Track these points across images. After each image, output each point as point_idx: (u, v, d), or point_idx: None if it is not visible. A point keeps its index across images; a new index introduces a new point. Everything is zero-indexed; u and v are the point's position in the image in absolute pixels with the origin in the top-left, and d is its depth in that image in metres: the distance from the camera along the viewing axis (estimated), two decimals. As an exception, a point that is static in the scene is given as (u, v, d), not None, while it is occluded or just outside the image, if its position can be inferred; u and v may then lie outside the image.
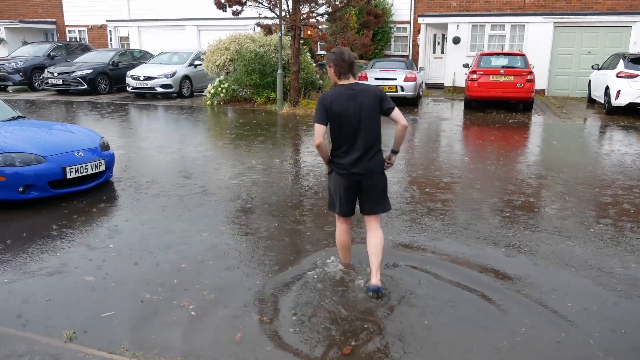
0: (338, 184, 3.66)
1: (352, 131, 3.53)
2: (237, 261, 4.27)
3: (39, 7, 25.24)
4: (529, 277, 3.97)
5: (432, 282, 3.87)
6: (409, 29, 20.04)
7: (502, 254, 4.44)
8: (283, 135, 10.80)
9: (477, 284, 3.83)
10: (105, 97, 16.71)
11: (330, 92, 3.58)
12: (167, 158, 8.23)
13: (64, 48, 20.43)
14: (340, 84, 3.59)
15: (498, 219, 5.33)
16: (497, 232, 4.95)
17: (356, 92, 3.55)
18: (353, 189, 3.65)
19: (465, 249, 4.53)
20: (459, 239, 4.76)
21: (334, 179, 3.70)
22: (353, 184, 3.63)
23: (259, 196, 6.10)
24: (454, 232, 4.94)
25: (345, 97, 3.52)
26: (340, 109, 3.50)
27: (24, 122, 6.72)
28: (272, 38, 14.72)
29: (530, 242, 4.69)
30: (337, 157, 3.63)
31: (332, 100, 3.52)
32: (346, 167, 3.57)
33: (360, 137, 3.54)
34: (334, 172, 3.67)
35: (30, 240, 4.71)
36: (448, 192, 6.32)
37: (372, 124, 3.56)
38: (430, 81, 19.19)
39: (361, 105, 3.52)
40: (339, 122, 3.53)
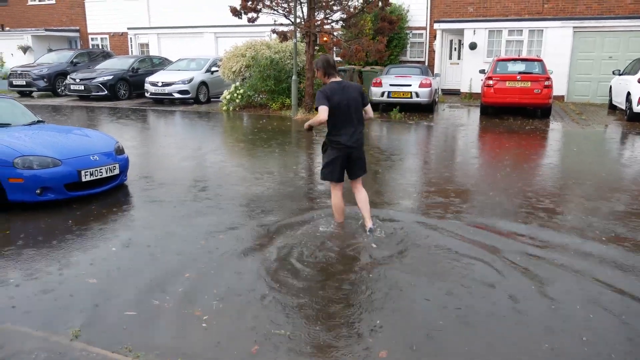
0: (335, 156, 4.79)
1: (345, 115, 4.69)
2: (248, 266, 4.32)
3: (63, 16, 25.86)
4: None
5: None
6: (425, 34, 20.00)
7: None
8: (295, 141, 10.88)
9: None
10: (125, 103, 17.03)
11: (326, 87, 4.67)
12: (182, 163, 8.37)
13: (86, 55, 20.89)
14: (331, 81, 4.73)
15: (514, 230, 5.30)
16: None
17: (344, 86, 4.74)
18: (345, 159, 4.82)
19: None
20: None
21: (330, 154, 4.82)
22: (345, 156, 4.80)
23: (272, 201, 6.16)
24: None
25: (338, 90, 4.67)
26: (337, 98, 4.62)
27: (44, 127, 6.91)
28: (288, 44, 14.85)
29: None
30: (335, 136, 4.76)
31: (330, 92, 4.62)
32: (343, 142, 4.74)
33: (351, 119, 4.73)
34: (330, 149, 4.81)
35: (44, 241, 4.84)
36: (462, 202, 6.30)
37: (358, 110, 4.78)
38: (446, 87, 19.10)
39: (349, 96, 4.71)
40: (336, 109, 4.63)
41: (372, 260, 4.43)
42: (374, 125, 12.65)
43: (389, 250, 4.59)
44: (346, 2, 12.87)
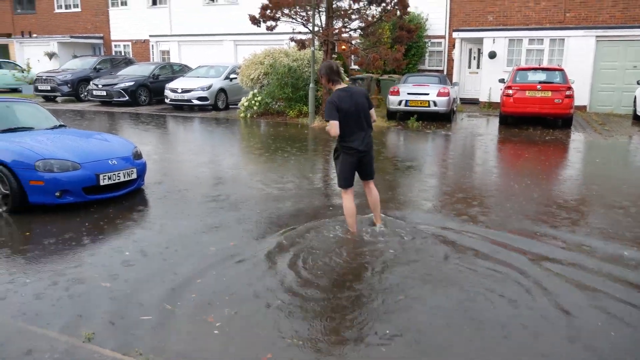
0: (348, 162, 4.91)
1: (355, 121, 4.80)
2: (261, 273, 4.34)
3: (88, 23, 26.43)
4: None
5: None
6: (444, 43, 19.94)
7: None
8: (311, 148, 10.91)
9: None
10: (145, 109, 17.29)
11: (335, 95, 4.75)
12: (198, 168, 8.44)
13: (109, 61, 21.29)
14: (337, 88, 4.83)
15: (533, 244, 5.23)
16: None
17: (351, 92, 4.84)
18: (357, 164, 4.94)
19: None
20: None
21: (344, 160, 4.92)
22: (358, 160, 4.92)
23: (288, 208, 6.17)
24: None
25: (346, 97, 4.75)
26: (346, 106, 4.72)
27: (65, 131, 7.05)
28: (306, 52, 14.93)
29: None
30: (347, 142, 4.84)
31: (339, 100, 4.71)
32: (356, 147, 4.84)
33: (361, 124, 4.85)
34: (343, 155, 4.90)
35: (60, 243, 4.92)
36: (479, 212, 6.24)
37: (366, 115, 4.90)
38: (465, 96, 18.98)
39: (357, 102, 4.81)
40: (346, 116, 4.73)
41: (386, 267, 4.41)
42: (391, 133, 12.63)
43: (404, 258, 4.57)
44: (364, 11, 12.90)
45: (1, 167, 5.70)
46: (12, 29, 28.03)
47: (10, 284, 4.01)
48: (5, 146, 5.87)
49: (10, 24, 28.22)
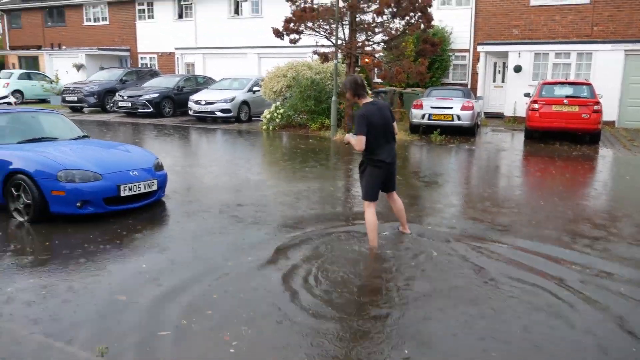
0: (376, 175, 4.98)
1: (383, 135, 4.91)
2: (278, 289, 4.25)
3: (115, 36, 27.00)
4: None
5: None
6: (468, 57, 19.76)
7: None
8: (333, 161, 10.83)
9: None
10: (169, 120, 17.48)
11: (365, 110, 4.84)
12: (219, 180, 8.43)
13: (135, 73, 21.65)
14: (364, 102, 4.93)
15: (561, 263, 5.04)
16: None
17: (378, 106, 4.98)
18: (383, 177, 5.03)
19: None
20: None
21: (372, 173, 4.97)
22: (384, 172, 5.02)
23: (307, 222, 6.08)
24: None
25: (375, 111, 4.87)
26: (376, 120, 4.83)
27: (88, 142, 7.11)
28: (329, 65, 14.93)
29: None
30: (375, 155, 4.91)
31: (369, 114, 4.81)
32: (384, 160, 4.94)
33: (387, 138, 4.96)
34: (370, 168, 4.96)
35: (79, 254, 4.91)
36: (503, 228, 6.06)
37: (392, 128, 5.04)
38: (489, 110, 18.73)
39: (384, 115, 4.94)
40: (376, 130, 4.84)
41: (408, 284, 4.29)
42: (414, 147, 12.48)
43: (427, 273, 4.44)
44: (388, 24, 12.86)
45: (24, 177, 5.76)
46: (42, 41, 28.81)
47: (24, 293, 3.99)
48: (29, 156, 5.93)
49: (41, 37, 29.01)
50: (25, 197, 5.79)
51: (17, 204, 5.90)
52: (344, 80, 5.05)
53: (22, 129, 6.88)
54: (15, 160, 5.91)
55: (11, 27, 30.57)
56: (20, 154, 5.99)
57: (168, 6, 25.29)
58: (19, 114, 7.25)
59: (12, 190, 5.90)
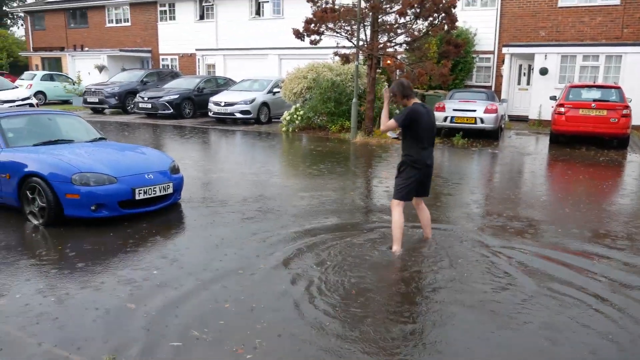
0: (413, 175, 4.99)
1: (427, 138, 5.00)
2: (294, 299, 4.06)
3: (138, 37, 27.20)
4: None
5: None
6: (493, 59, 19.35)
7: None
8: (352, 163, 10.61)
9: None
10: (189, 121, 17.46)
11: (415, 107, 4.92)
12: (237, 183, 8.29)
13: (156, 75, 21.74)
14: (414, 103, 4.98)
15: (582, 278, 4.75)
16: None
17: (427, 110, 5.06)
18: (421, 179, 5.05)
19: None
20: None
21: (410, 174, 4.99)
22: (422, 175, 5.05)
23: (327, 226, 5.88)
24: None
25: (424, 113, 4.96)
26: (424, 121, 4.93)
27: (104, 144, 7.02)
28: (350, 67, 14.73)
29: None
30: (415, 154, 4.95)
31: (417, 113, 4.89)
32: (424, 161, 4.98)
33: (430, 140, 5.05)
34: (409, 168, 4.98)
35: (90, 260, 4.80)
36: (527, 236, 5.78)
37: (434, 133, 5.13)
38: (513, 113, 18.31)
39: (430, 118, 5.04)
40: (421, 129, 4.91)
41: (433, 291, 4.08)
42: (435, 150, 12.16)
43: (453, 281, 4.21)
44: (410, 25, 12.59)
45: (38, 180, 5.68)
46: (65, 43, 29.17)
47: (31, 298, 3.88)
48: (44, 159, 5.86)
49: (64, 38, 29.39)
50: (40, 200, 5.72)
51: (32, 207, 5.83)
52: (392, 85, 5.11)
53: (38, 131, 6.83)
54: (30, 162, 5.84)
55: (35, 29, 31.05)
56: (35, 157, 5.91)
57: (189, 7, 25.39)
58: (36, 116, 7.22)
59: (27, 193, 5.83)
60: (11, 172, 5.95)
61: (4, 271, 4.51)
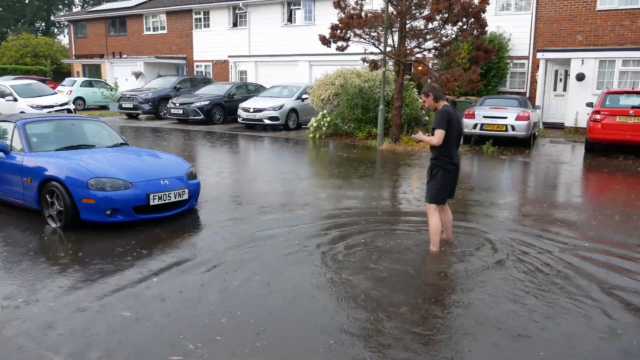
0: (447, 178, 5.14)
1: (456, 139, 5.12)
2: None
3: (173, 44, 27.80)
4: None
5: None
6: (527, 64, 18.83)
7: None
8: (379, 170, 10.46)
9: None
10: (218, 127, 17.67)
11: (447, 108, 5.05)
12: (258, 191, 8.25)
13: (189, 81, 22.13)
14: (444, 105, 5.11)
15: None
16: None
17: (454, 111, 5.15)
18: (453, 181, 5.23)
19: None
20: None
21: (444, 177, 5.12)
22: (454, 177, 5.22)
23: (354, 232, 5.78)
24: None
25: (454, 115, 5.08)
26: (454, 122, 5.02)
27: (124, 149, 7.12)
28: (378, 73, 14.58)
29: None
30: (449, 157, 5.08)
31: (451, 115, 5.00)
32: (456, 164, 5.13)
33: (458, 143, 5.17)
34: (444, 172, 5.10)
35: (100, 265, 4.84)
36: (561, 247, 5.52)
37: (461, 135, 5.25)
38: (548, 121, 17.75)
39: (459, 120, 5.15)
40: (453, 133, 5.01)
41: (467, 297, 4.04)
42: (463, 158, 11.91)
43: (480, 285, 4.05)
44: (438, 30, 12.37)
45: (57, 184, 5.80)
46: (105, 50, 30.09)
47: (34, 307, 3.92)
48: (62, 163, 5.98)
49: (104, 46, 30.32)
50: (58, 203, 5.84)
51: (50, 211, 5.96)
52: (424, 88, 5.24)
53: (62, 136, 7.00)
54: (50, 167, 5.97)
55: (77, 37, 32.15)
56: (54, 161, 6.05)
57: (223, 15, 25.78)
58: (60, 121, 7.41)
59: (47, 197, 5.96)
60: (32, 176, 6.11)
61: (17, 274, 4.60)
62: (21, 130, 6.62)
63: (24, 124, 6.71)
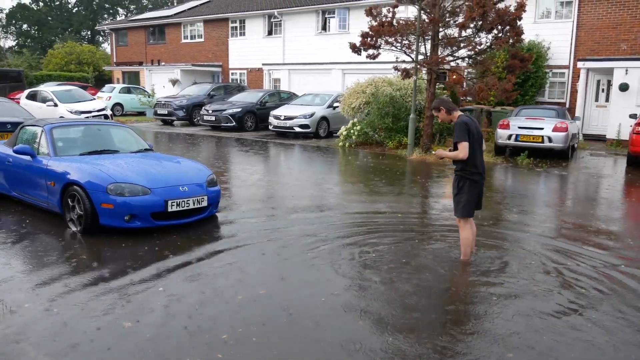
0: (475, 189, 4.98)
1: (479, 149, 4.94)
2: (332, 332, 3.83)
3: (209, 52, 28.23)
4: None
5: None
6: (567, 74, 18.18)
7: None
8: (408, 180, 10.20)
9: None
10: (250, 134, 17.74)
11: (465, 118, 4.89)
12: (282, 200, 8.16)
13: (223, 88, 22.38)
14: (459, 115, 4.95)
15: None
16: None
17: (472, 119, 4.99)
18: (480, 192, 5.06)
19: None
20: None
21: (471, 188, 4.95)
22: (481, 188, 5.05)
23: (382, 246, 5.60)
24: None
25: (473, 124, 4.91)
26: (475, 132, 4.87)
27: (147, 155, 7.14)
28: (410, 82, 14.34)
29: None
30: (474, 168, 4.90)
31: (468, 124, 4.83)
32: (482, 173, 4.97)
33: (481, 152, 5.00)
34: (470, 183, 4.93)
35: (111, 271, 4.82)
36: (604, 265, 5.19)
37: (482, 142, 5.04)
38: (589, 132, 17.06)
39: (477, 127, 4.97)
40: (475, 142, 4.86)
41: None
42: (497, 170, 11.51)
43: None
44: (472, 39, 12.04)
45: (78, 188, 5.84)
46: (144, 58, 30.83)
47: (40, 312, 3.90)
48: (84, 168, 6.02)
49: (144, 53, 31.08)
50: (79, 208, 5.87)
51: (72, 215, 6.01)
52: (434, 103, 5.13)
53: (87, 141, 7.08)
54: (72, 171, 6.03)
55: (118, 45, 33.09)
56: (77, 166, 6.10)
57: (259, 23, 26.02)
58: (87, 126, 7.49)
59: (69, 201, 6.01)
60: (56, 180, 6.18)
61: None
62: (48, 135, 6.72)
63: (51, 129, 6.82)
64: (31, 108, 16.32)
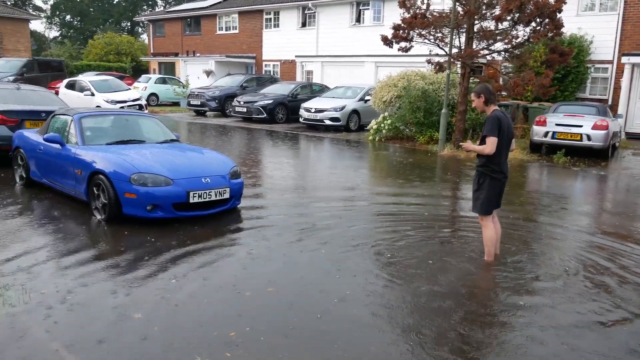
0: (495, 187, 4.84)
1: (506, 147, 4.81)
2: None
3: (244, 44, 28.35)
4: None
5: None
6: (611, 69, 17.42)
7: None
8: (438, 177, 9.98)
9: None
10: (280, 126, 17.73)
11: (499, 113, 4.72)
12: (309, 193, 8.09)
13: (255, 80, 22.44)
14: (494, 109, 4.77)
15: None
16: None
17: (506, 116, 4.81)
18: (500, 191, 4.92)
19: None
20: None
21: (491, 186, 4.81)
22: (502, 187, 4.91)
23: (405, 250, 5.46)
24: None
25: (505, 120, 4.74)
26: (505, 129, 4.71)
27: (173, 146, 7.16)
28: (443, 75, 14.01)
29: None
30: (497, 165, 4.76)
31: (502, 121, 4.66)
32: (504, 172, 4.84)
33: (508, 150, 4.87)
34: (491, 180, 4.79)
35: (127, 262, 4.84)
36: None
37: (511, 142, 4.90)
38: (632, 131, 16.33)
39: (510, 128, 4.82)
40: (503, 139, 4.70)
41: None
42: (530, 168, 11.15)
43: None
44: (509, 31, 11.64)
45: (103, 177, 5.90)
46: (180, 49, 31.22)
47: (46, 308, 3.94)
48: (110, 157, 6.08)
49: (180, 44, 31.48)
50: (103, 196, 5.93)
51: (97, 203, 6.08)
52: (477, 87, 4.90)
53: (115, 131, 7.16)
54: (98, 160, 6.09)
55: (155, 36, 33.63)
56: (103, 155, 6.16)
57: (293, 15, 25.94)
58: (115, 116, 7.58)
59: (94, 189, 6.09)
60: (83, 168, 6.26)
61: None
62: (77, 124, 6.82)
63: (80, 118, 6.92)
64: (69, 97, 16.73)
